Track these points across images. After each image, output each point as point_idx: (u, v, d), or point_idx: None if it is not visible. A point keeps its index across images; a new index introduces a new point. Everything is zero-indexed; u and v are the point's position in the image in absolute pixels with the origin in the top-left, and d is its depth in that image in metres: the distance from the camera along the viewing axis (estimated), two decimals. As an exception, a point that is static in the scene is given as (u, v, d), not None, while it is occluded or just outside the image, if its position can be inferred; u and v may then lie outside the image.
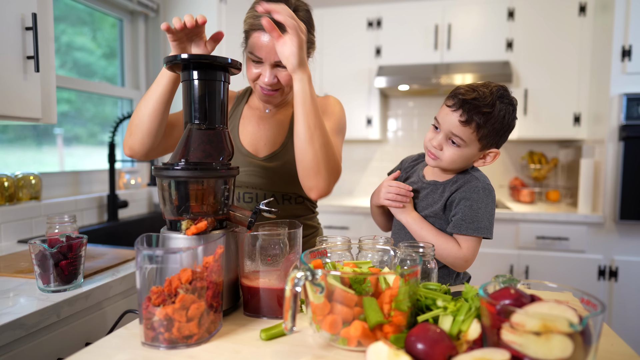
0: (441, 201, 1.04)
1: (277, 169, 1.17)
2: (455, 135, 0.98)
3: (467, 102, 0.95)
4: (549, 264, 2.41)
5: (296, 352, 0.67)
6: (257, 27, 1.03)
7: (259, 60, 1.06)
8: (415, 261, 0.76)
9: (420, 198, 1.08)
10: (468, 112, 0.95)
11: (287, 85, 1.09)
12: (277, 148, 1.19)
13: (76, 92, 2.03)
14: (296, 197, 1.22)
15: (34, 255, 0.97)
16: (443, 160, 1.01)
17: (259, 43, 1.03)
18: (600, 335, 0.54)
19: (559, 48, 2.61)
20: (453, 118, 0.97)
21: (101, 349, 0.67)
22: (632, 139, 2.23)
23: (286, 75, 1.06)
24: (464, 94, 0.96)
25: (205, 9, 2.33)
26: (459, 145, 0.99)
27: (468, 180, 1.04)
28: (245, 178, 1.18)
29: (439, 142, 1.01)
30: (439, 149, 1.01)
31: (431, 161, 1.04)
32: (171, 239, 0.77)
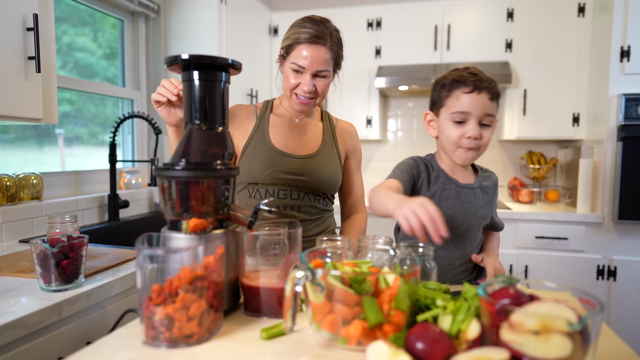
0: (487, 204, 1.09)
1: (315, 168, 1.26)
2: (488, 115, 1.00)
3: (482, 80, 1.01)
4: (548, 264, 2.41)
5: (296, 351, 0.67)
6: (301, 40, 1.18)
7: (300, 70, 1.18)
8: (415, 261, 0.77)
9: (463, 202, 1.08)
10: (488, 88, 1.00)
11: (322, 95, 1.24)
12: (314, 151, 1.29)
13: (77, 93, 2.03)
14: (324, 197, 1.32)
15: (35, 255, 0.97)
16: (481, 149, 1.02)
17: (304, 54, 1.17)
18: (599, 334, 0.54)
19: (558, 48, 2.61)
20: (482, 99, 1.00)
21: (102, 348, 0.67)
22: (631, 139, 2.24)
23: (323, 85, 1.21)
24: (472, 76, 1.01)
25: (205, 9, 2.34)
26: (490, 125, 1.02)
27: (490, 176, 1.13)
28: (281, 175, 1.24)
29: (478, 131, 1.01)
30: (480, 139, 1.02)
31: (469, 156, 1.03)
32: (172, 238, 0.77)
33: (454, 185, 1.08)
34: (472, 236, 1.09)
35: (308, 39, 1.16)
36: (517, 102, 2.69)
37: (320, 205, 1.30)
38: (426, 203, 0.76)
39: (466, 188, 1.08)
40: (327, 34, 1.18)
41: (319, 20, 1.21)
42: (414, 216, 0.74)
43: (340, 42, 1.24)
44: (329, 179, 1.28)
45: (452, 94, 1.03)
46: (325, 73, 1.20)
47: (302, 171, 1.25)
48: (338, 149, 1.33)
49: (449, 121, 1.04)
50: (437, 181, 1.09)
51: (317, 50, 1.16)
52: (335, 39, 1.21)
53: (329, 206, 1.36)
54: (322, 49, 1.17)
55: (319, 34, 1.16)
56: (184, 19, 2.38)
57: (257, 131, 1.28)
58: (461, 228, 1.07)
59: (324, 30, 1.18)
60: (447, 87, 1.04)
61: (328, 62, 1.19)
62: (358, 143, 1.41)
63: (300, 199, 1.26)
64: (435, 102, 1.09)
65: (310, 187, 1.26)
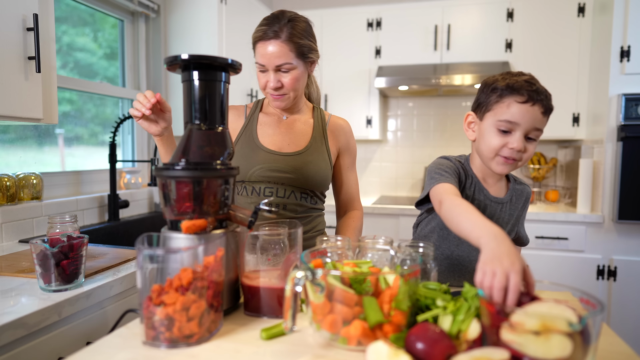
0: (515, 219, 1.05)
1: (301, 166, 1.25)
2: (537, 129, 0.94)
3: (539, 92, 0.93)
4: (548, 264, 2.41)
5: (296, 351, 0.67)
6: (259, 38, 1.18)
7: (263, 69, 1.19)
8: (415, 261, 0.77)
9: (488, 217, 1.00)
10: (542, 101, 0.93)
11: (292, 89, 1.22)
12: (301, 148, 1.28)
13: (77, 93, 2.03)
14: (312, 195, 1.30)
15: (35, 255, 0.97)
16: (522, 161, 0.97)
17: (261, 52, 1.17)
18: (599, 334, 0.54)
19: (558, 48, 2.61)
20: (535, 112, 0.93)
21: (102, 348, 0.67)
22: (631, 139, 2.24)
23: (290, 79, 1.19)
24: (528, 86, 0.93)
25: (205, 9, 2.34)
26: (535, 139, 0.96)
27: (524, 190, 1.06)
28: (268, 173, 1.23)
29: (522, 144, 0.94)
30: (524, 152, 0.95)
31: (507, 167, 0.97)
32: (172, 238, 0.77)
33: (483, 196, 1.03)
34: None
35: (261, 37, 1.17)
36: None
37: (307, 203, 1.29)
38: (512, 272, 0.64)
39: (494, 202, 1.03)
40: (282, 26, 1.16)
41: (274, 15, 1.19)
42: (492, 277, 0.65)
43: (304, 32, 1.20)
44: (316, 176, 1.26)
45: (503, 100, 0.95)
46: (287, 66, 1.17)
47: (288, 168, 1.24)
48: (328, 146, 1.32)
49: (493, 128, 0.97)
50: (469, 189, 1.04)
51: (272, 45, 1.16)
52: (296, 29, 1.17)
53: (317, 205, 1.33)
54: (275, 43, 1.15)
55: (271, 30, 1.16)
56: (184, 19, 2.38)
57: (245, 130, 1.29)
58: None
59: (276, 24, 1.16)
60: (499, 92, 0.96)
61: (287, 55, 1.16)
62: (352, 140, 1.40)
63: (286, 197, 1.25)
64: (482, 105, 1.01)
65: (296, 185, 1.25)
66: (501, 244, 0.70)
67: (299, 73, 1.21)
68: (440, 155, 1.12)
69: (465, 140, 3.10)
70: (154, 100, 1.01)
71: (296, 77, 1.20)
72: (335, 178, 1.39)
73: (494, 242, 0.71)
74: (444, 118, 3.14)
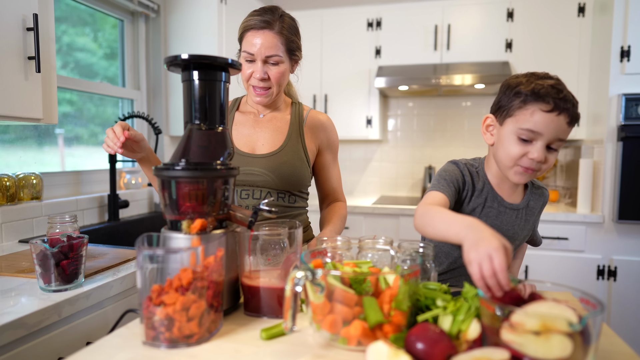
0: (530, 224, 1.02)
1: (275, 167, 1.23)
2: (560, 140, 0.88)
3: (566, 100, 0.87)
4: (548, 264, 2.41)
5: (296, 351, 0.67)
6: (249, 27, 1.18)
7: (251, 59, 1.18)
8: (415, 261, 0.77)
9: (503, 224, 0.99)
10: (568, 110, 0.87)
11: (277, 84, 1.21)
12: (275, 149, 1.26)
13: (77, 93, 2.03)
14: (289, 194, 1.28)
15: (35, 255, 0.97)
16: (541, 172, 0.91)
17: (251, 41, 1.17)
18: (599, 334, 0.54)
19: (558, 48, 2.61)
20: (560, 122, 0.87)
21: (102, 348, 0.67)
22: (631, 139, 2.24)
23: (276, 72, 1.19)
24: (555, 93, 0.87)
25: (205, 9, 2.34)
26: (557, 149, 0.89)
27: (542, 194, 1.03)
28: (242, 177, 1.23)
29: (543, 154, 0.88)
30: (545, 162, 0.89)
31: (525, 177, 0.92)
32: (172, 238, 0.77)
33: (497, 203, 0.99)
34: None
35: (254, 25, 1.16)
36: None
37: (285, 203, 1.27)
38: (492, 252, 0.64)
39: (510, 209, 0.99)
40: (275, 19, 1.17)
41: (267, 8, 1.20)
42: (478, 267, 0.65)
43: (293, 29, 1.22)
44: (291, 176, 1.24)
45: (526, 107, 0.89)
46: (276, 59, 1.17)
47: (261, 171, 1.23)
48: (304, 143, 1.28)
49: (513, 135, 0.90)
50: (481, 195, 0.99)
51: (264, 35, 1.15)
52: (286, 24, 1.19)
53: (297, 203, 1.30)
54: (268, 34, 1.16)
55: (266, 19, 1.16)
56: (184, 19, 2.38)
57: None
58: None
59: (271, 15, 1.17)
60: (523, 98, 0.89)
61: (277, 47, 1.17)
62: (333, 135, 1.35)
63: (262, 198, 1.23)
64: (503, 109, 0.94)
65: (271, 186, 1.23)
66: (475, 231, 0.70)
67: (284, 68, 1.21)
68: (449, 155, 1.11)
69: (465, 139, 3.10)
70: (122, 139, 1.03)
71: (282, 72, 1.20)
72: (317, 174, 1.37)
73: (470, 233, 0.70)
74: (444, 118, 3.14)
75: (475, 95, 3.07)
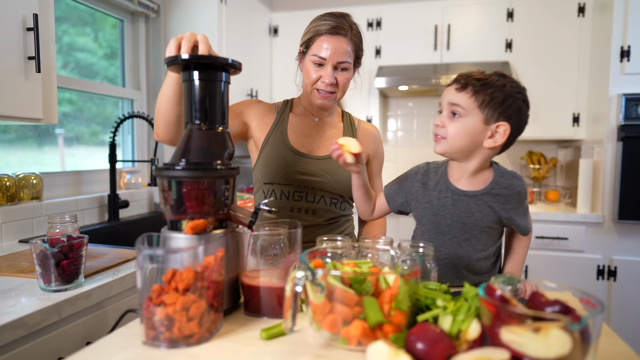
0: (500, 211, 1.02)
1: (333, 170, 1.23)
2: (454, 104, 0.97)
3: (464, 74, 0.99)
4: (548, 264, 2.41)
5: (296, 351, 0.67)
6: (321, 32, 1.17)
7: (321, 62, 1.17)
8: (415, 261, 0.77)
9: (461, 211, 1.01)
10: (464, 79, 0.97)
11: (342, 90, 1.22)
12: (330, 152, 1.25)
13: (77, 93, 2.03)
14: (342, 200, 1.28)
15: (35, 255, 0.97)
16: (448, 139, 0.98)
17: (325, 45, 1.16)
18: (599, 334, 0.54)
19: (558, 48, 2.61)
20: (450, 89, 0.99)
21: (102, 348, 0.67)
22: (631, 139, 2.24)
23: (344, 78, 1.20)
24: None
25: (205, 10, 2.34)
26: (460, 115, 0.96)
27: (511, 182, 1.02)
28: (298, 177, 1.21)
29: (442, 119, 0.99)
30: (442, 126, 0.99)
31: (437, 146, 1.01)
32: (172, 238, 0.77)
33: (450, 192, 1.03)
34: (476, 243, 1.03)
35: (328, 30, 1.16)
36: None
37: (336, 209, 1.27)
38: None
39: (465, 196, 1.01)
40: (348, 26, 1.18)
41: (338, 13, 1.21)
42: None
43: (360, 36, 1.23)
44: (347, 180, 1.24)
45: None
46: (346, 65, 1.18)
47: (318, 172, 1.23)
48: None
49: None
50: (436, 188, 1.05)
51: (338, 41, 1.16)
52: (355, 31, 1.21)
53: (346, 210, 1.31)
54: (342, 40, 1.16)
55: (340, 25, 1.16)
56: (184, 19, 2.38)
57: (275, 129, 1.26)
58: (461, 238, 1.03)
59: (344, 22, 1.18)
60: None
61: (349, 54, 1.18)
62: (381, 147, 1.39)
63: (315, 201, 1.23)
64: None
65: (326, 189, 1.23)
66: None
67: (350, 75, 1.22)
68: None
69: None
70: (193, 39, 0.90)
71: (348, 78, 1.22)
72: None
73: None
74: (444, 118, 3.14)
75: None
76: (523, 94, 0.98)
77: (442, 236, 1.04)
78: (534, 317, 0.52)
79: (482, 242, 1.03)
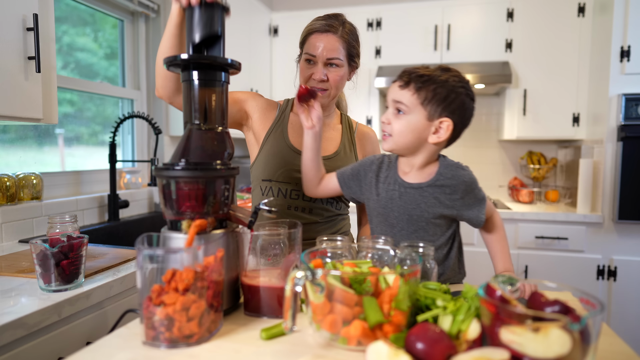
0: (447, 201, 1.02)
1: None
2: (397, 101, 0.98)
3: (407, 70, 0.99)
4: (548, 264, 2.41)
5: (296, 351, 0.67)
6: (313, 30, 1.22)
7: (312, 59, 1.20)
8: (415, 261, 0.77)
9: (407, 204, 1.03)
10: (407, 76, 0.98)
11: (335, 87, 1.23)
12: (330, 153, 1.28)
13: (78, 93, 2.03)
14: (338, 200, 1.30)
15: (35, 255, 0.97)
16: (394, 135, 1.00)
17: (315, 43, 1.20)
18: (599, 334, 0.54)
19: (558, 48, 2.61)
20: (395, 86, 1.00)
21: (102, 348, 0.67)
22: (631, 139, 2.24)
23: (335, 75, 1.22)
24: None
25: (205, 10, 2.33)
26: (404, 112, 0.98)
27: (455, 173, 1.02)
28: (297, 174, 1.22)
29: (387, 117, 1.01)
30: (388, 124, 1.01)
31: (385, 143, 1.03)
32: (172, 238, 0.77)
33: (398, 185, 1.04)
34: (424, 234, 1.04)
35: (318, 28, 1.21)
36: (517, 102, 2.69)
37: (332, 208, 1.28)
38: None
39: (410, 188, 1.02)
40: (339, 24, 1.22)
41: (332, 14, 1.25)
42: None
43: (354, 35, 1.25)
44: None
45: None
46: (337, 61, 1.20)
47: None
48: (356, 153, 1.32)
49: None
50: (386, 180, 1.07)
51: (327, 38, 1.19)
52: (348, 30, 1.23)
53: (342, 210, 1.32)
54: (332, 37, 1.20)
55: (330, 24, 1.21)
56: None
57: (276, 126, 1.27)
58: (409, 230, 1.04)
59: (335, 21, 1.22)
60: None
61: (339, 50, 1.20)
62: (378, 149, 1.39)
63: (312, 200, 1.24)
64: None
65: None
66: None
67: (343, 72, 1.23)
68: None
69: (465, 139, 3.10)
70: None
71: (341, 75, 1.23)
72: None
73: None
74: (444, 118, 3.13)
75: (475, 95, 3.07)
76: (466, 87, 0.99)
77: (392, 228, 1.06)
78: (534, 317, 0.52)
79: (430, 234, 1.04)
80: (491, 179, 3.10)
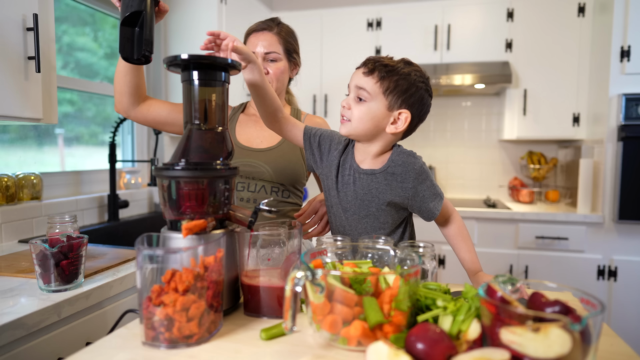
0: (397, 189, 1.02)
1: (272, 160, 1.32)
2: (360, 88, 0.99)
3: (372, 58, 1.01)
4: (548, 264, 2.41)
5: (296, 351, 0.67)
6: (251, 31, 1.35)
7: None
8: (415, 261, 0.77)
9: (358, 189, 1.04)
10: (372, 64, 0.99)
11: (276, 79, 1.33)
12: (273, 145, 1.34)
13: (78, 93, 2.03)
14: (284, 189, 1.35)
15: (35, 255, 0.97)
16: (352, 121, 1.00)
17: (253, 41, 1.33)
18: (599, 335, 0.54)
19: (558, 48, 2.61)
20: (359, 72, 1.01)
21: (102, 349, 0.67)
22: (631, 139, 2.24)
23: (275, 69, 1.32)
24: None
25: (205, 9, 2.34)
26: (365, 100, 0.99)
27: (406, 161, 1.03)
28: (241, 168, 1.27)
29: (348, 102, 1.02)
30: (348, 108, 1.01)
31: (342, 128, 1.03)
32: (172, 238, 0.77)
33: (352, 171, 1.06)
34: (374, 220, 1.06)
35: (255, 29, 1.34)
36: (517, 102, 2.69)
37: (278, 197, 1.33)
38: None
39: (363, 174, 1.05)
40: (275, 24, 1.34)
41: (269, 18, 1.38)
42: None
43: (291, 33, 1.37)
44: (286, 169, 1.32)
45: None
46: (274, 56, 1.31)
47: (257, 163, 1.31)
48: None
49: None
50: (343, 167, 1.08)
51: (264, 35, 1.32)
52: (284, 29, 1.35)
53: (290, 199, 1.36)
54: (268, 34, 1.32)
55: (264, 23, 1.33)
56: (184, 19, 2.38)
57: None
58: (360, 214, 1.06)
59: (270, 22, 1.34)
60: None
61: (275, 45, 1.31)
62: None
63: (256, 191, 1.31)
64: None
65: (266, 179, 1.31)
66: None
67: (283, 66, 1.33)
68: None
69: (465, 139, 3.10)
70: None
71: (281, 69, 1.33)
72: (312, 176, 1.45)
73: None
74: (444, 118, 3.14)
75: (476, 95, 3.07)
76: (426, 83, 1.02)
77: (345, 212, 1.08)
78: (534, 317, 0.52)
79: (381, 221, 1.06)
80: (491, 179, 3.10)
